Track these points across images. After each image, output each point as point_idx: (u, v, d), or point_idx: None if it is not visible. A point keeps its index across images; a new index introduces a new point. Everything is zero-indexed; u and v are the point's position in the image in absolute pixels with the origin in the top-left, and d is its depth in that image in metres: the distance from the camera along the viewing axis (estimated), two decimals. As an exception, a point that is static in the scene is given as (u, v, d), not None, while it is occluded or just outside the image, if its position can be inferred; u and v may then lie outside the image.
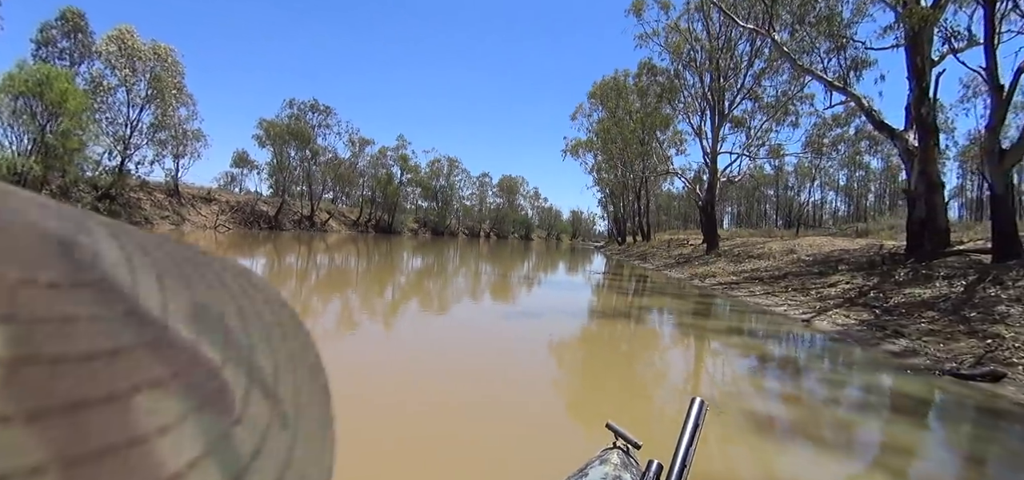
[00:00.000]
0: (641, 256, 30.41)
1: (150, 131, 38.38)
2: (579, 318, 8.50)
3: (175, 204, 41.36)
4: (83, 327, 0.13)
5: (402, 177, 65.48)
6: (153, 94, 37.25)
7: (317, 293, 9.77)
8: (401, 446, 2.94)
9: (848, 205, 56.61)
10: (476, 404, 3.81)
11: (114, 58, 35.66)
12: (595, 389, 4.73)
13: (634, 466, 1.11)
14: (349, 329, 6.57)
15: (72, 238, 0.15)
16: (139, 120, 37.58)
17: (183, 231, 36.38)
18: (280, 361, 0.19)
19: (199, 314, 0.17)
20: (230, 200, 47.29)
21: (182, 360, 0.15)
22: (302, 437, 0.18)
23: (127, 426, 0.13)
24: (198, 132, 42.34)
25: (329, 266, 16.14)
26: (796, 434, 3.63)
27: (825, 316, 8.26)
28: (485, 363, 5.20)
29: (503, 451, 3.01)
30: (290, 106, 52.32)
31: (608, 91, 40.07)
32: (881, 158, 49.62)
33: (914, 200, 11.93)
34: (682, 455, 0.84)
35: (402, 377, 4.41)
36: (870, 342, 6.67)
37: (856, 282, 10.51)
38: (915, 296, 8.52)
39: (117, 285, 0.15)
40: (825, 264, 13.80)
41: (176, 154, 41.32)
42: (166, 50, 37.83)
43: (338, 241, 35.88)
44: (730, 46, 24.67)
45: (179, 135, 40.19)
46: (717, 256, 21.04)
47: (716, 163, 25.03)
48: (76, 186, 32.61)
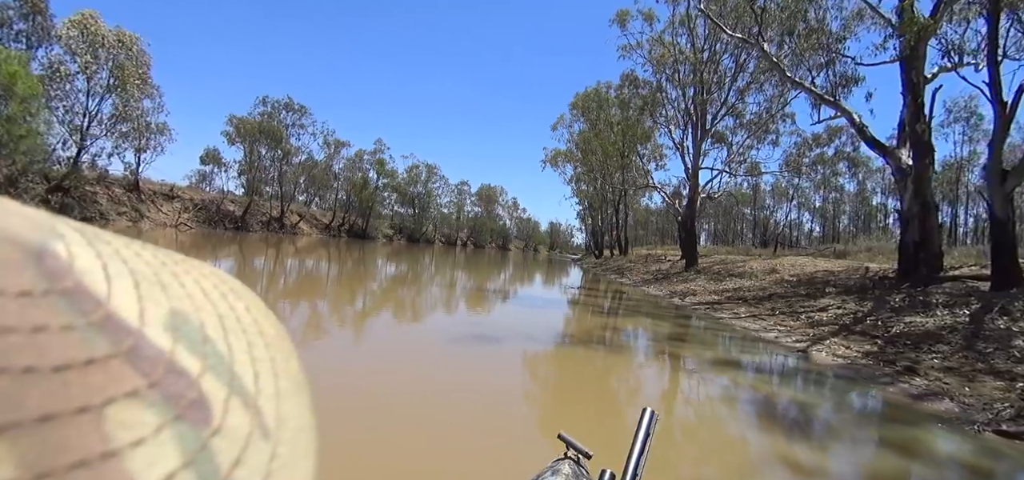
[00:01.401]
0: (618, 270, 29.65)
1: (110, 122, 36.38)
2: (545, 344, 7.18)
3: (134, 200, 39.14)
4: (55, 337, 0.13)
5: (378, 182, 63.92)
6: (115, 83, 35.37)
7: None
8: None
9: (822, 226, 57.09)
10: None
11: (75, 43, 33.75)
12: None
13: (585, 476, 1.10)
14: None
15: (43, 244, 0.14)
16: (99, 110, 35.63)
17: (141, 229, 34.37)
18: (261, 370, 0.18)
19: (177, 322, 0.16)
20: (194, 198, 45.17)
21: (159, 370, 0.15)
22: (283, 447, 0.17)
23: (101, 439, 0.12)
24: (163, 126, 40.36)
25: (281, 271, 14.85)
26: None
27: (823, 345, 7.42)
28: (417, 421, 4.16)
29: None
30: (263, 104, 50.55)
31: (590, 102, 39.57)
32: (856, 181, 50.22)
33: (907, 221, 11.30)
34: (634, 465, 0.84)
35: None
36: (881, 380, 5.81)
37: (848, 307, 9.76)
38: (917, 325, 7.76)
39: (91, 293, 0.14)
40: (810, 286, 13.12)
41: (138, 148, 39.24)
42: (131, 38, 35.95)
43: (306, 245, 34.33)
44: (714, 59, 24.20)
45: (141, 128, 38.15)
46: (696, 273, 20.35)
47: (697, 178, 24.45)
48: (24, 176, 30.56)
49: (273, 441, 0.17)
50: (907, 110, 11.55)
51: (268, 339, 0.20)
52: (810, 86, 13.79)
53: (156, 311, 0.16)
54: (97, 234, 0.17)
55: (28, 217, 0.15)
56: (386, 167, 64.11)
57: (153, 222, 38.50)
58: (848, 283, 12.45)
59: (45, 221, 0.15)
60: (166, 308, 0.16)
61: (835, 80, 15.24)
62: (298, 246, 30.46)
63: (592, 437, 1.19)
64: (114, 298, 0.15)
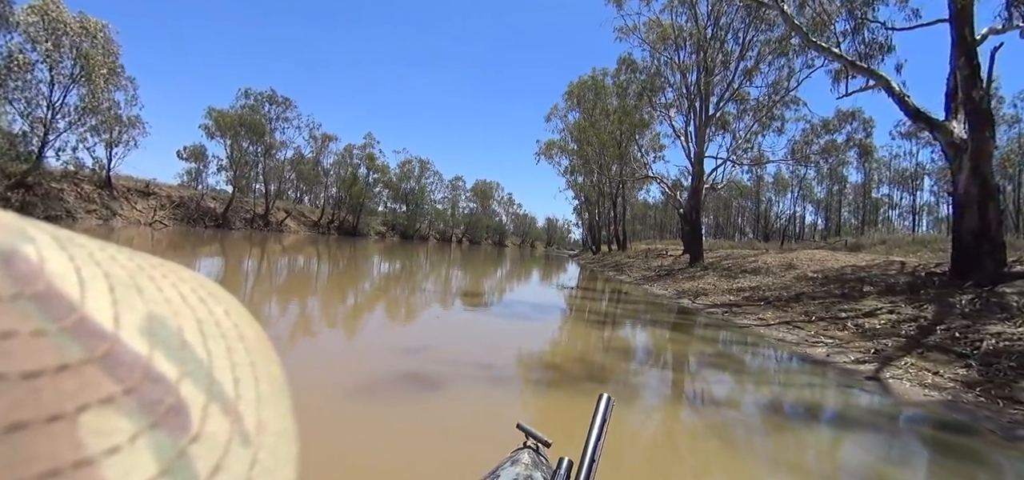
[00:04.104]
0: (617, 267, 27.76)
1: (76, 115, 34.30)
2: (507, 388, 4.67)
3: (105, 197, 37.00)
4: (25, 342, 0.13)
5: (369, 177, 61.85)
6: (80, 74, 33.29)
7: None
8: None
9: (826, 219, 55.35)
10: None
11: (35, 30, 31.65)
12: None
13: (544, 464, 1.09)
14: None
15: (12, 247, 0.14)
16: (63, 102, 33.57)
17: (112, 227, 32.30)
18: (241, 375, 0.18)
19: (154, 327, 0.16)
20: (172, 194, 43.05)
21: (135, 376, 0.14)
22: (264, 453, 0.17)
23: (74, 447, 0.12)
24: (135, 119, 38.27)
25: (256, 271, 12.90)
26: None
27: (897, 368, 5.55)
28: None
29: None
30: (246, 96, 48.43)
31: (585, 90, 37.79)
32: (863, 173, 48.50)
33: (962, 206, 9.44)
34: (591, 450, 0.86)
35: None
36: (1012, 431, 3.95)
37: (903, 311, 7.91)
38: (1012, 338, 5.91)
39: (64, 297, 0.14)
40: (841, 284, 11.28)
41: (109, 142, 37.12)
42: (96, 24, 33.79)
43: (293, 243, 32.34)
44: (719, 36, 22.29)
45: (110, 120, 35.99)
46: (704, 270, 18.50)
47: (702, 165, 22.57)
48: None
49: (253, 447, 0.17)
50: (959, 74, 9.69)
51: (248, 344, 0.20)
52: (838, 51, 11.90)
53: (132, 316, 0.16)
54: (70, 237, 0.17)
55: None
56: (376, 162, 62.04)
57: (126, 220, 36.41)
58: (888, 280, 10.61)
59: (14, 223, 0.15)
60: (143, 313, 0.16)
61: (862, 49, 13.38)
62: (278, 245, 28.39)
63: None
64: (88, 302, 0.14)
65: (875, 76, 11.15)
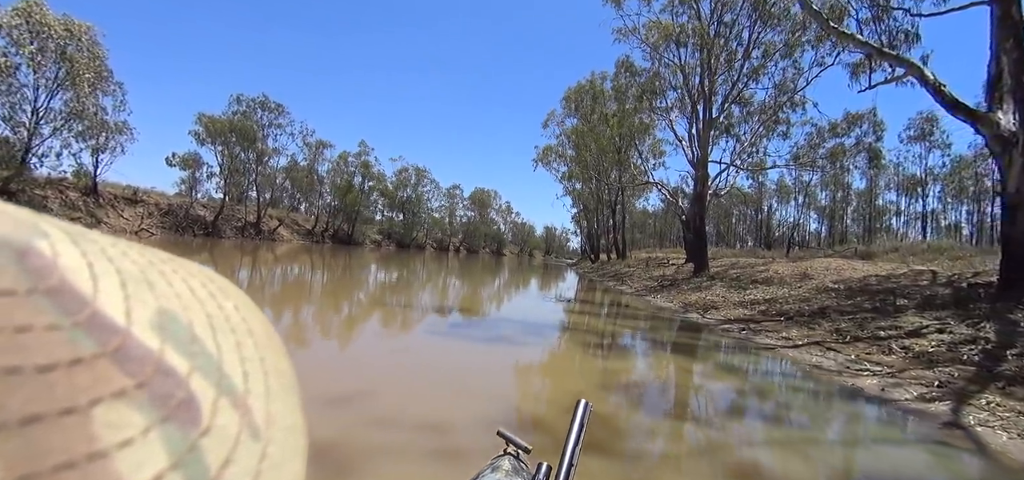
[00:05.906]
0: (617, 276, 26.54)
1: (62, 120, 33.29)
2: (512, 405, 4.17)
3: (91, 204, 35.88)
4: (40, 337, 0.13)
5: (364, 185, 60.74)
6: (65, 78, 32.32)
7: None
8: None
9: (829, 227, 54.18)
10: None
11: (18, 33, 30.70)
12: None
13: (524, 470, 1.07)
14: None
15: (27, 242, 0.14)
16: (48, 107, 32.59)
17: (95, 236, 31.11)
18: (250, 369, 0.18)
19: (165, 321, 0.16)
20: (160, 202, 41.88)
21: (146, 370, 0.14)
22: (273, 447, 0.17)
23: (87, 440, 0.12)
24: (122, 125, 37.14)
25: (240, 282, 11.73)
26: None
27: (973, 407, 4.33)
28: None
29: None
30: (238, 102, 47.38)
31: (583, 95, 36.70)
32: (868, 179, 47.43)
33: (1014, 209, 8.29)
34: (569, 456, 0.85)
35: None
36: None
37: (956, 331, 6.71)
38: (1113, 368, 4.73)
39: (77, 291, 0.14)
40: (868, 296, 10.08)
41: (95, 148, 36.00)
42: (81, 27, 32.80)
43: (283, 252, 31.14)
44: (723, 33, 21.20)
45: (97, 126, 34.91)
46: (710, 280, 17.30)
47: (706, 170, 21.42)
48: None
49: (263, 441, 0.17)
50: (1007, 59, 8.56)
51: (257, 338, 0.20)
52: (862, 38, 10.77)
53: (143, 310, 0.16)
54: (83, 233, 0.17)
55: (10, 215, 0.15)
56: (372, 170, 60.95)
57: (111, 228, 35.18)
58: (923, 293, 9.42)
59: (28, 219, 0.15)
60: (154, 307, 0.16)
61: (884, 40, 12.28)
62: (269, 254, 27.17)
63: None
64: (100, 297, 0.15)
65: (905, 63, 10.00)
